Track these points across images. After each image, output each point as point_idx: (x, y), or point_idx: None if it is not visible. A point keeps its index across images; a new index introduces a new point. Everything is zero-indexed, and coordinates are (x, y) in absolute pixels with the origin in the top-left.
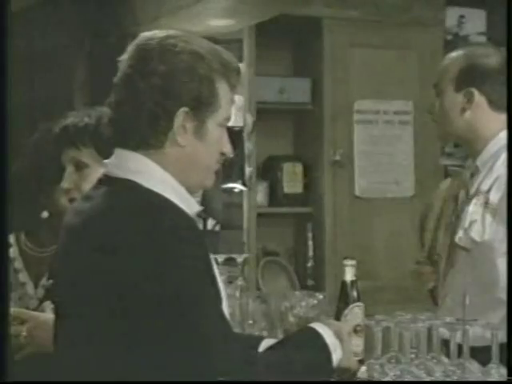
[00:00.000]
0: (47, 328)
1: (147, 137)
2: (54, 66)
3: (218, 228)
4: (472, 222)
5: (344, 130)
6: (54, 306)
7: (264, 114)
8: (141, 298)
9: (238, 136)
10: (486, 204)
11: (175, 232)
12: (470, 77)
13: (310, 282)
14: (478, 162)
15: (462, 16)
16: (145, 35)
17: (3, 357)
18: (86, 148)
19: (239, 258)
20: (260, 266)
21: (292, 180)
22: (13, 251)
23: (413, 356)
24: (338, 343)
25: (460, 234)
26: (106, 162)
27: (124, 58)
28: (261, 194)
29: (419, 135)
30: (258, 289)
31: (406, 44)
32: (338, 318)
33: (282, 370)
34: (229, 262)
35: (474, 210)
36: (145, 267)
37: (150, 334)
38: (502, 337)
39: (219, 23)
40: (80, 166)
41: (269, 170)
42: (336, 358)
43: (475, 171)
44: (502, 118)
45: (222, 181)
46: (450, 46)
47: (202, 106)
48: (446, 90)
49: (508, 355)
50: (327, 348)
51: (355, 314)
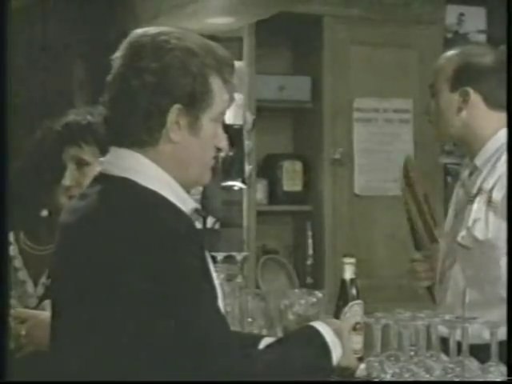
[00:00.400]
0: (47, 327)
1: (141, 134)
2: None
3: (217, 226)
4: (475, 221)
5: (344, 128)
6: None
7: (264, 112)
8: (137, 295)
9: (237, 134)
10: (489, 202)
11: (171, 230)
12: (464, 76)
13: (309, 280)
14: (477, 161)
15: (461, 14)
16: (137, 32)
17: (3, 357)
18: (87, 146)
19: (239, 256)
20: (259, 264)
21: (292, 178)
22: (12, 250)
23: (412, 354)
24: (338, 341)
25: (463, 232)
26: (101, 160)
27: (117, 55)
28: (260, 192)
29: (419, 133)
30: (258, 287)
31: (406, 42)
32: (337, 315)
33: (282, 368)
34: (228, 259)
35: (477, 208)
36: (141, 265)
37: (147, 331)
38: (502, 335)
39: (219, 21)
40: (81, 164)
41: (268, 168)
42: (336, 356)
43: (473, 170)
44: (498, 116)
45: (221, 179)
46: (449, 43)
47: (195, 102)
48: (441, 90)
49: (508, 355)
50: (327, 346)
51: (354, 311)
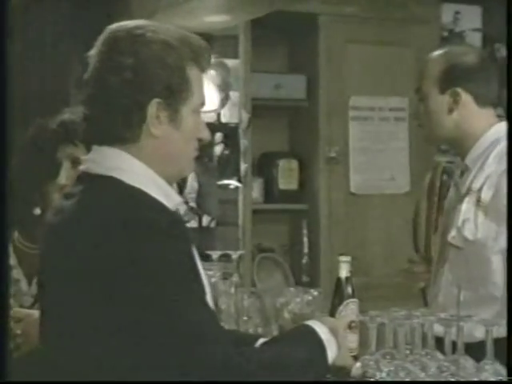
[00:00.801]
0: None
1: (122, 131)
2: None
3: (213, 224)
4: (465, 221)
5: (339, 127)
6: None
7: (259, 110)
8: (124, 294)
9: (233, 132)
10: (478, 202)
11: (158, 229)
12: (453, 77)
13: (305, 278)
14: (468, 161)
15: (457, 12)
16: (111, 28)
17: (3, 357)
18: (83, 144)
19: (234, 255)
20: (255, 263)
21: (287, 176)
22: None
23: (407, 352)
24: (333, 340)
25: (453, 232)
26: (84, 158)
27: (92, 53)
28: (256, 191)
29: (414, 132)
30: (253, 285)
31: (402, 40)
32: (332, 314)
33: (277, 366)
34: (224, 258)
35: (466, 208)
36: (128, 265)
37: (135, 330)
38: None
39: (215, 19)
40: (76, 163)
41: (264, 167)
42: (331, 354)
43: (465, 169)
44: (488, 113)
45: (217, 177)
46: (445, 42)
47: (174, 95)
48: (430, 94)
49: (508, 355)
50: (322, 344)
51: (350, 310)
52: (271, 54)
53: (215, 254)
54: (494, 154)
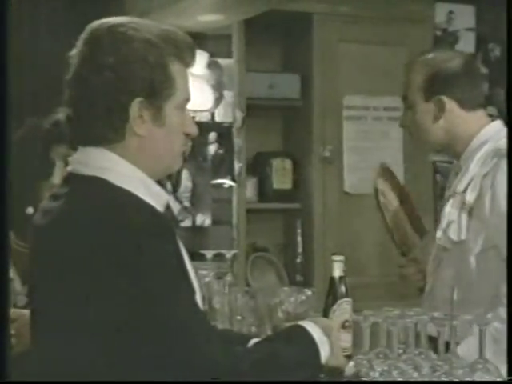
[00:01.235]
0: None
1: (106, 132)
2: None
3: (207, 224)
4: (449, 223)
5: (333, 126)
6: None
7: (253, 109)
8: (112, 296)
9: (227, 132)
10: (463, 204)
11: (145, 231)
12: (436, 84)
13: (298, 277)
14: (462, 162)
15: (451, 12)
16: (92, 27)
17: (3, 357)
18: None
19: (228, 254)
20: (249, 262)
21: (281, 176)
22: None
23: (401, 351)
24: (326, 340)
25: (439, 234)
26: (70, 159)
27: (74, 53)
28: (250, 190)
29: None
30: (247, 285)
31: (396, 40)
32: (326, 313)
33: (269, 366)
34: (218, 257)
35: (450, 210)
36: (116, 267)
37: (124, 330)
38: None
39: (208, 18)
40: None
41: (258, 166)
42: (324, 354)
43: (459, 171)
44: (477, 115)
45: (211, 177)
46: (439, 41)
47: (157, 93)
48: (415, 102)
49: (508, 354)
50: (315, 344)
51: (343, 309)
52: (265, 54)
53: (209, 254)
54: (478, 155)
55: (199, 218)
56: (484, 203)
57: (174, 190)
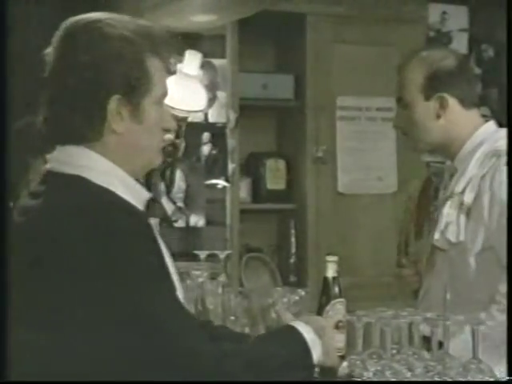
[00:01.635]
0: None
1: (84, 130)
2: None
3: (200, 224)
4: (448, 224)
5: (327, 127)
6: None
7: (247, 110)
8: (93, 295)
9: (220, 132)
10: (461, 205)
11: (124, 230)
12: (437, 82)
13: (292, 278)
14: (456, 163)
15: (444, 12)
16: (67, 24)
17: (3, 357)
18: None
19: (222, 255)
20: (243, 263)
21: (275, 176)
22: None
23: (394, 352)
24: (318, 340)
25: (436, 235)
26: (48, 157)
27: (49, 51)
28: (244, 191)
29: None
30: (241, 285)
31: (389, 40)
32: (319, 313)
33: (260, 366)
34: (211, 258)
35: (448, 211)
36: (95, 266)
37: (105, 328)
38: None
39: (202, 19)
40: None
41: (252, 167)
42: (316, 354)
43: (454, 172)
44: (473, 114)
45: (204, 177)
46: (432, 42)
47: (134, 90)
48: (414, 102)
49: (508, 354)
50: (306, 345)
51: (337, 309)
52: (258, 54)
53: (203, 254)
54: (476, 156)
55: (193, 219)
56: (482, 204)
57: (168, 191)
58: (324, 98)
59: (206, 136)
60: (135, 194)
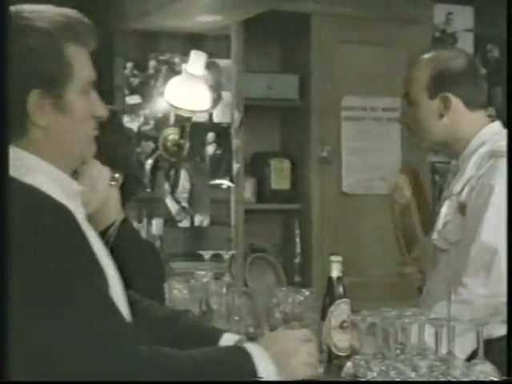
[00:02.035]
0: None
1: (8, 128)
2: None
3: (205, 224)
4: (445, 224)
5: (331, 127)
6: None
7: (251, 110)
8: (21, 294)
9: (225, 132)
10: (459, 205)
11: (48, 228)
12: (442, 82)
13: (297, 278)
14: (459, 162)
15: (449, 13)
16: None
17: (3, 357)
18: None
19: (226, 255)
20: (247, 263)
21: (279, 176)
22: None
23: (398, 352)
24: (271, 364)
25: (434, 235)
26: None
27: None
28: (248, 191)
29: (407, 132)
30: (246, 285)
31: (394, 40)
32: (324, 313)
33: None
34: (216, 258)
35: (446, 211)
36: (22, 265)
37: (37, 332)
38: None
39: (207, 19)
40: None
41: (256, 167)
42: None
43: (456, 172)
44: (478, 115)
45: (209, 177)
46: (438, 42)
47: (53, 82)
48: (419, 99)
49: (508, 354)
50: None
51: (341, 309)
52: (263, 54)
53: (207, 254)
54: (474, 157)
55: (197, 219)
56: (480, 204)
57: (172, 191)
58: (329, 98)
59: (211, 136)
60: (64, 188)
